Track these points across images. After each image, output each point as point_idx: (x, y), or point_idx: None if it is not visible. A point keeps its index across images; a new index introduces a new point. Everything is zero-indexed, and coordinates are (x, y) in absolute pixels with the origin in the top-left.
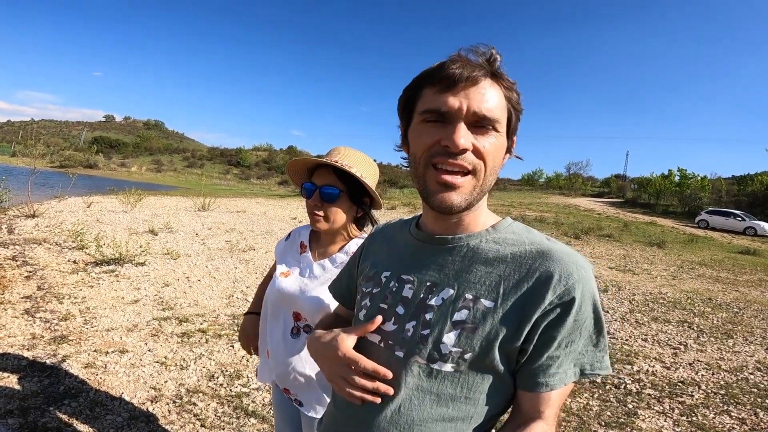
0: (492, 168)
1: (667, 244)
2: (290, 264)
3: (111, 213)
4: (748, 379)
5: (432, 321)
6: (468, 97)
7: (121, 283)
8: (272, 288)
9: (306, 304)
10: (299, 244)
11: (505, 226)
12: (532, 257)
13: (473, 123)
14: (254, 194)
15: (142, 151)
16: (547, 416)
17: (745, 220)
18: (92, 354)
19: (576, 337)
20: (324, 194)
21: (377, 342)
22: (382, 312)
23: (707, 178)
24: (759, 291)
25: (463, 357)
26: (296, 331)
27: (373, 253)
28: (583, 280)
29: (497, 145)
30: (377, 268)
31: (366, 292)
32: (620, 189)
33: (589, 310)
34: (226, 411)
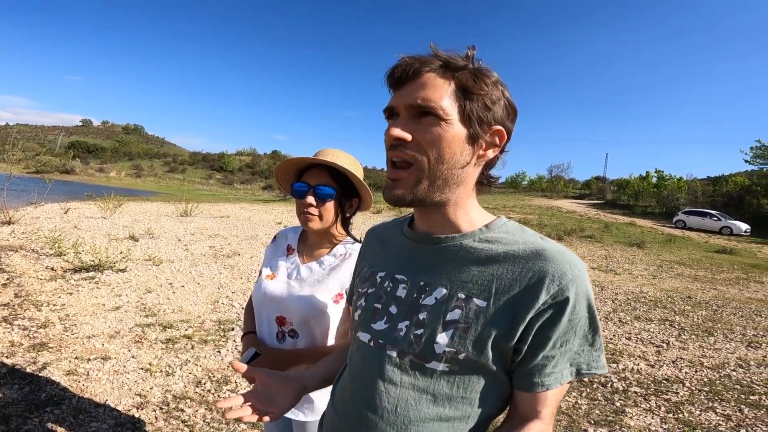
0: (438, 158)
1: (646, 244)
2: (276, 267)
3: (89, 219)
4: (731, 376)
5: (425, 321)
6: (407, 90)
7: (102, 290)
8: (258, 291)
9: (293, 307)
10: (286, 247)
11: (498, 226)
12: (526, 256)
13: (414, 115)
14: (238, 199)
15: (121, 156)
16: (544, 415)
17: (720, 219)
18: (73, 361)
19: (571, 336)
20: (319, 193)
21: (367, 341)
22: (377, 312)
23: (683, 179)
24: (736, 289)
25: (457, 357)
26: (281, 336)
27: (370, 254)
28: (576, 279)
29: (442, 134)
30: (373, 269)
31: (362, 292)
32: (600, 191)
33: (584, 309)
34: (215, 417)
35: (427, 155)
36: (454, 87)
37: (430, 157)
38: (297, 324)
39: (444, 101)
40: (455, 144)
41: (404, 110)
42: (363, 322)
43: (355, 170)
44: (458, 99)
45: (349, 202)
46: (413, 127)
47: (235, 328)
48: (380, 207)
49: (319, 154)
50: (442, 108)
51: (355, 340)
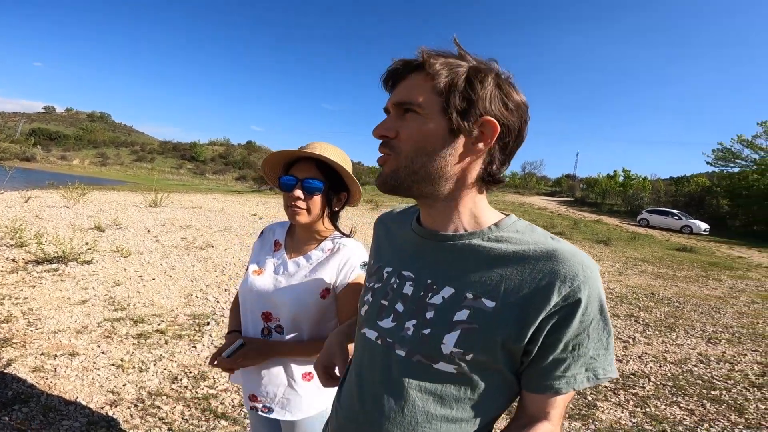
0: (417, 150)
1: (612, 241)
2: (263, 262)
3: (52, 208)
4: (693, 371)
5: (433, 320)
6: (396, 91)
7: (66, 283)
8: (245, 287)
9: (279, 302)
10: (273, 242)
11: (508, 225)
12: (536, 257)
13: (400, 113)
14: (210, 190)
15: (85, 144)
16: (552, 417)
17: (681, 219)
18: (39, 357)
19: (583, 339)
20: (307, 187)
21: (374, 339)
22: (383, 309)
23: (648, 179)
24: (696, 286)
25: (465, 357)
26: (267, 332)
27: (377, 246)
28: (589, 280)
29: (419, 128)
30: (380, 263)
31: (369, 287)
32: (570, 188)
33: (596, 311)
34: (194, 414)
35: (407, 147)
36: (434, 83)
37: (409, 148)
38: (284, 319)
39: (422, 97)
40: (434, 136)
41: (392, 109)
42: (369, 318)
43: (344, 164)
44: (439, 94)
45: (337, 196)
46: (399, 124)
47: (210, 322)
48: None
49: (307, 148)
50: (419, 104)
51: (360, 337)
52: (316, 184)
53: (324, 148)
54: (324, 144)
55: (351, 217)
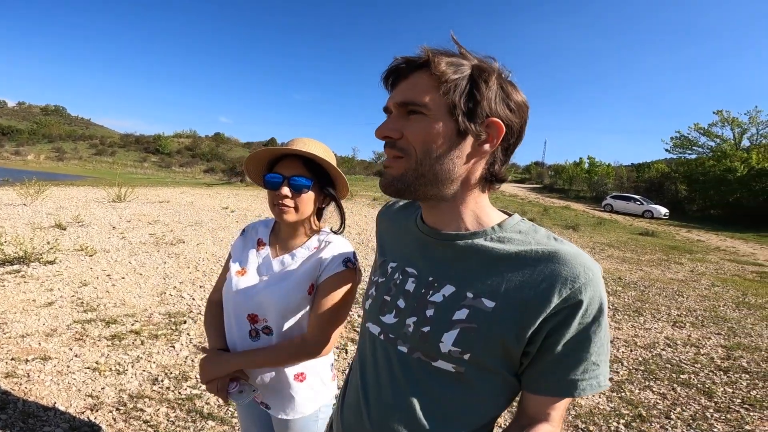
0: (426, 152)
1: (580, 226)
2: (246, 262)
3: (8, 206)
4: (661, 355)
5: (432, 318)
6: (398, 90)
7: (30, 284)
8: (227, 288)
9: (265, 302)
10: (256, 240)
11: (511, 225)
12: (538, 258)
13: (404, 113)
14: (177, 183)
15: (39, 139)
16: (552, 418)
17: (643, 204)
18: (10, 362)
19: (584, 342)
20: (294, 184)
21: (377, 333)
22: (385, 304)
23: (611, 166)
24: (659, 270)
25: (463, 357)
26: (255, 334)
27: (382, 240)
28: (590, 283)
29: (428, 130)
30: (385, 257)
31: (373, 281)
32: (539, 176)
33: (597, 314)
34: (179, 415)
35: (415, 149)
36: (439, 83)
37: (417, 151)
38: (272, 320)
39: (428, 97)
40: (441, 138)
41: (394, 109)
42: (373, 313)
43: (329, 159)
44: (444, 94)
45: (324, 192)
46: (402, 124)
47: (187, 320)
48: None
49: (290, 144)
50: (425, 104)
51: (365, 331)
52: (304, 182)
53: (308, 144)
54: (307, 140)
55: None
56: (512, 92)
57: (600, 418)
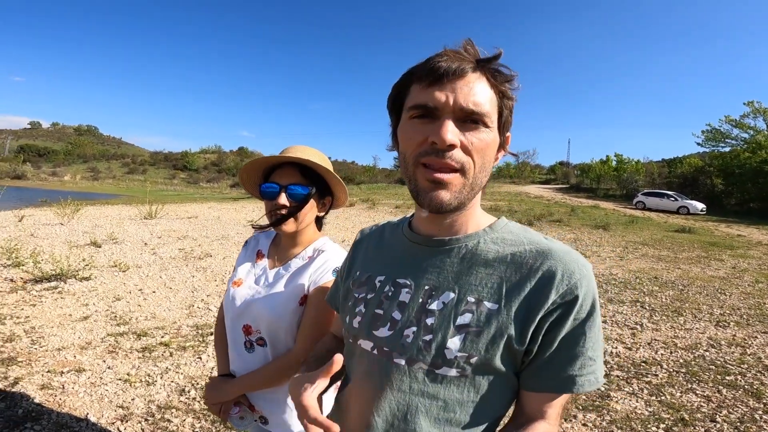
0: (482, 165)
1: (611, 226)
2: (244, 273)
3: (46, 226)
4: (705, 357)
5: (434, 326)
6: (455, 90)
7: (66, 300)
8: (226, 300)
9: (258, 313)
10: (256, 252)
11: (501, 226)
12: (533, 257)
13: (461, 118)
14: (205, 199)
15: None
16: (549, 416)
17: (678, 200)
18: (46, 375)
19: (579, 336)
20: (292, 193)
21: (369, 349)
22: (378, 318)
23: (641, 162)
24: (699, 267)
25: (469, 361)
26: (249, 345)
27: (364, 257)
28: (585, 278)
29: (487, 142)
30: (370, 272)
31: (360, 298)
32: (565, 175)
33: (591, 309)
34: (204, 426)
35: (474, 162)
36: (494, 92)
37: (476, 164)
38: (264, 331)
39: (489, 107)
40: (492, 152)
41: (450, 112)
42: (364, 329)
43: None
44: (497, 105)
45: (322, 201)
46: (460, 131)
47: (213, 333)
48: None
49: (286, 152)
50: (489, 115)
51: (355, 348)
52: (302, 191)
53: (304, 151)
54: (303, 147)
55: (348, 218)
56: None
57: (638, 423)
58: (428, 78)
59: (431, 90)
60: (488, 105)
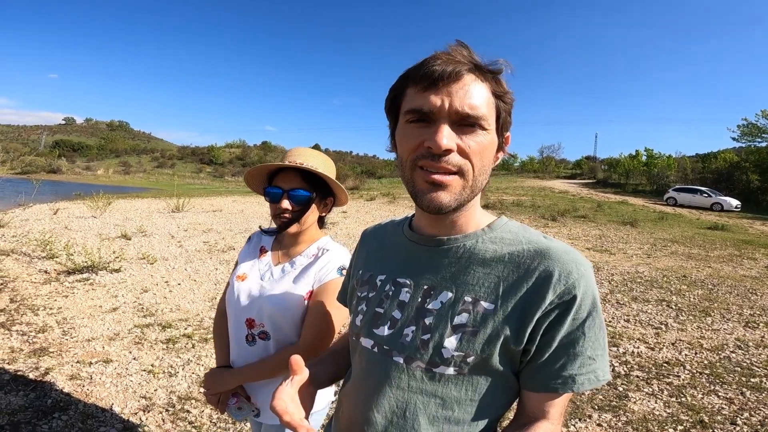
0: (481, 168)
1: (639, 222)
2: (248, 268)
3: (79, 219)
4: (730, 358)
5: (432, 325)
6: (450, 94)
7: (97, 292)
8: (229, 294)
9: (263, 308)
10: (260, 248)
11: (500, 225)
12: (531, 256)
13: (457, 122)
14: (229, 192)
15: (107, 153)
16: (551, 416)
17: (711, 196)
18: (75, 365)
19: (579, 337)
20: (294, 197)
21: (370, 347)
22: (378, 317)
23: (672, 157)
24: (731, 266)
25: (465, 360)
26: (251, 339)
27: (367, 256)
28: (583, 278)
29: (485, 144)
30: (372, 272)
31: (362, 296)
32: (591, 170)
33: (590, 309)
34: (221, 417)
35: (473, 165)
36: (490, 94)
37: (475, 167)
38: (269, 326)
39: (486, 110)
40: (491, 154)
41: (446, 116)
42: (365, 327)
43: (327, 170)
44: (494, 107)
45: (324, 202)
46: (457, 135)
47: None
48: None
49: (289, 154)
50: (486, 117)
51: (356, 346)
52: (303, 194)
53: (307, 155)
54: (306, 150)
55: (369, 212)
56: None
57: (654, 424)
58: (423, 82)
59: (426, 94)
60: (485, 107)
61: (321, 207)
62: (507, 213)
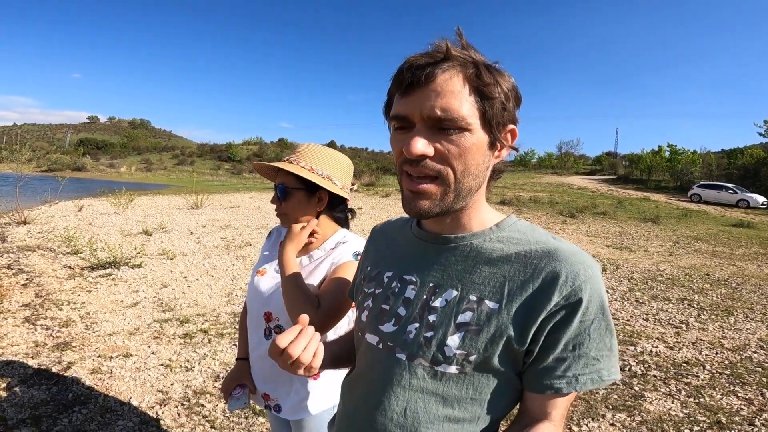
0: (464, 171)
1: (661, 219)
2: (267, 262)
3: (103, 215)
4: (752, 358)
5: (436, 323)
6: (423, 98)
7: (119, 287)
8: (250, 288)
9: (280, 301)
10: (280, 243)
11: (509, 225)
12: (538, 257)
13: (433, 126)
14: (247, 188)
15: (130, 151)
16: (554, 417)
17: (737, 192)
18: (97, 359)
19: (584, 339)
20: (278, 192)
21: (375, 343)
22: (384, 313)
23: (697, 153)
24: (756, 265)
25: (468, 359)
26: (268, 332)
27: (375, 253)
28: (590, 280)
29: (466, 146)
30: (380, 268)
31: (368, 293)
32: (612, 166)
33: (597, 311)
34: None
35: (452, 168)
36: (470, 89)
37: (456, 170)
38: (284, 320)
39: (464, 109)
40: (479, 153)
41: (421, 121)
42: (370, 323)
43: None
44: (477, 103)
45: (315, 197)
46: (434, 139)
47: None
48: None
49: (294, 149)
50: (463, 117)
51: (362, 342)
52: (282, 189)
53: (306, 152)
54: (308, 147)
55: (384, 208)
56: (518, 89)
57: (670, 424)
58: (399, 88)
59: (404, 100)
60: (462, 107)
61: (315, 201)
62: (523, 210)
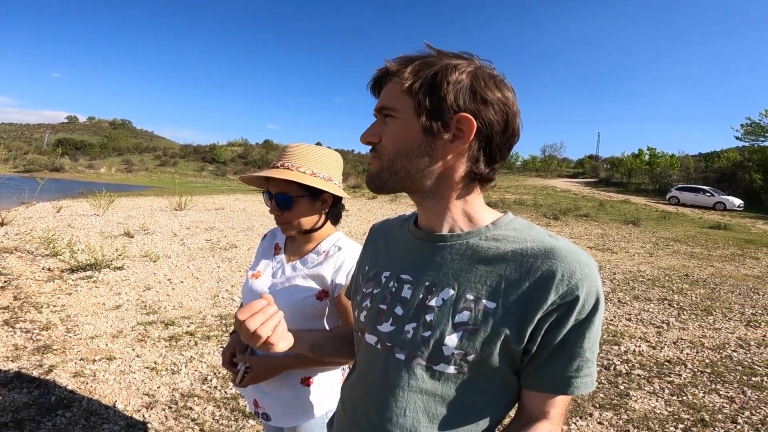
0: (397, 151)
1: (641, 221)
2: (262, 266)
3: (82, 217)
4: (732, 357)
5: (433, 322)
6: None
7: (101, 289)
8: (244, 291)
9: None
10: (274, 245)
11: (505, 223)
12: (534, 255)
13: (382, 118)
14: (232, 190)
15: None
16: (552, 416)
17: (714, 195)
18: (79, 363)
19: (579, 337)
20: (280, 202)
21: (374, 343)
22: (382, 313)
23: (675, 156)
24: (733, 266)
25: (466, 359)
26: None
27: (373, 252)
28: (587, 278)
29: (396, 130)
30: (378, 268)
31: (366, 293)
32: (594, 169)
33: (593, 310)
34: (223, 414)
35: (387, 150)
36: (407, 85)
37: (389, 151)
38: None
39: (397, 100)
40: (410, 139)
41: (376, 115)
42: (368, 323)
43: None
44: (410, 94)
45: (318, 201)
46: (381, 129)
47: None
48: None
49: (282, 154)
50: (395, 108)
51: (361, 342)
52: (284, 198)
53: (297, 153)
54: (297, 148)
55: (371, 210)
56: (489, 86)
57: (656, 422)
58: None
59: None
60: (395, 99)
61: (319, 204)
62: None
